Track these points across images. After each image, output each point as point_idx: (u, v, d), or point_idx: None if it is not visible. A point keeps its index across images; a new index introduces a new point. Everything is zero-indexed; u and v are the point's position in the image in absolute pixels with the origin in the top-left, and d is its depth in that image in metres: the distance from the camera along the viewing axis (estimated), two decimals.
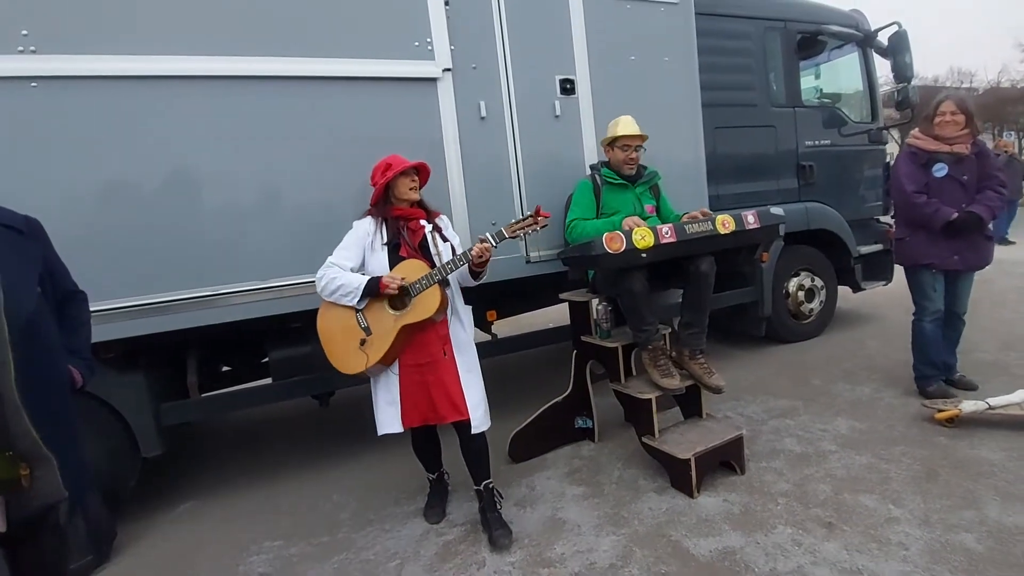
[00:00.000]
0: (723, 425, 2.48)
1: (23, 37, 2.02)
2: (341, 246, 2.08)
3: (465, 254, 2.00)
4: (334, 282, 1.98)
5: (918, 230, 2.81)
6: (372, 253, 2.07)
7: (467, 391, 2.06)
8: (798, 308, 4.21)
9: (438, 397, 2.03)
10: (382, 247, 2.07)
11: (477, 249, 1.98)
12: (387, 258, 2.05)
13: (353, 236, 2.10)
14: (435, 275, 1.97)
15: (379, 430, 2.08)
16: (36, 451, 1.40)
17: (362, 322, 2.00)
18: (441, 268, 1.99)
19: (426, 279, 1.96)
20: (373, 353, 1.98)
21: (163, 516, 2.57)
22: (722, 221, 2.33)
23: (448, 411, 2.03)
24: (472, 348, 2.16)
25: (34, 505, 1.43)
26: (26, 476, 1.38)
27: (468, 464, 2.16)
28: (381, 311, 2.00)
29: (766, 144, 4.03)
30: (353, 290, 1.96)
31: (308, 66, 2.40)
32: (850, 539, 1.87)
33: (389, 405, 2.06)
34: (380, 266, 2.04)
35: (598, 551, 1.95)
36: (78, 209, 2.12)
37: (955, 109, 2.66)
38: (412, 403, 2.04)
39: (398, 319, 1.98)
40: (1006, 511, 1.93)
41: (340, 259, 2.04)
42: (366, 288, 1.95)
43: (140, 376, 2.46)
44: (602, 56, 2.99)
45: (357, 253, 2.07)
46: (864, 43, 4.36)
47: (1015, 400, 2.52)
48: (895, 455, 2.39)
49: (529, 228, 2.05)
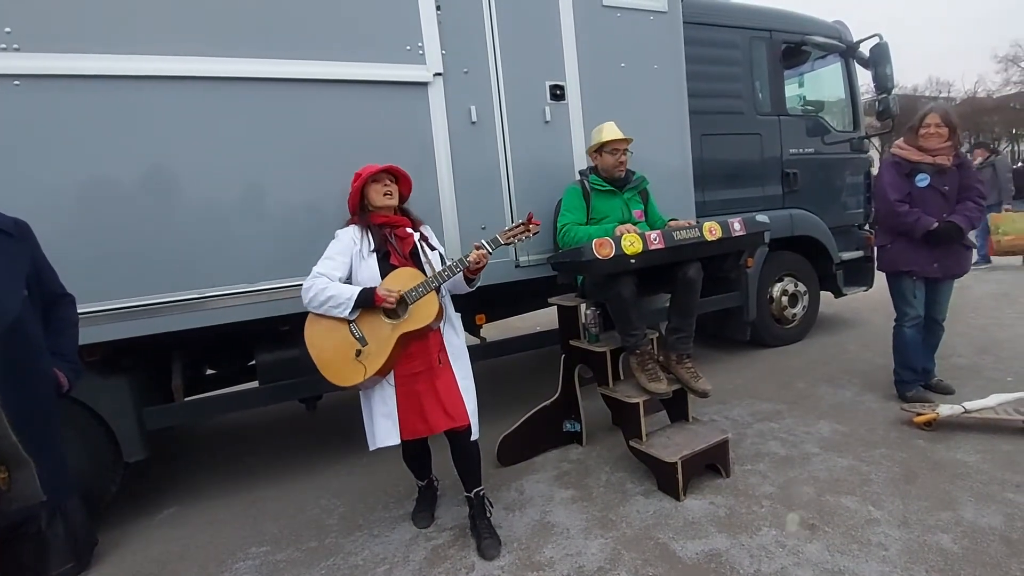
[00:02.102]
0: (709, 429, 2.52)
1: (6, 35, 1.99)
2: (326, 256, 2.02)
3: (461, 260, 1.97)
4: (323, 292, 1.91)
5: (899, 238, 2.89)
6: (361, 261, 2.02)
7: (465, 397, 2.03)
8: (782, 313, 4.29)
9: (430, 407, 1.98)
10: (370, 254, 2.03)
11: (475, 256, 1.96)
12: (378, 266, 2.01)
13: (338, 245, 2.04)
14: (432, 282, 1.94)
15: (372, 443, 2.03)
16: (14, 453, 1.38)
17: (356, 332, 1.95)
18: (437, 275, 1.96)
19: (423, 286, 1.93)
20: (371, 363, 1.92)
21: (146, 522, 2.53)
22: (709, 228, 2.37)
23: (440, 421, 1.98)
24: (466, 354, 2.15)
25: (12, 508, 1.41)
26: (3, 479, 1.36)
27: (460, 471, 2.13)
28: (376, 320, 1.96)
29: (752, 151, 4.10)
30: (344, 301, 1.90)
31: (297, 68, 2.39)
32: (832, 540, 1.91)
33: (385, 417, 2.00)
34: (371, 275, 1.99)
35: (586, 554, 1.96)
36: (63, 210, 2.08)
37: (940, 122, 2.74)
38: (408, 414, 2.00)
39: (396, 327, 1.94)
40: (981, 512, 1.99)
41: (327, 269, 1.98)
42: (359, 299, 1.91)
43: (123, 379, 2.42)
44: (592, 63, 3.02)
45: (343, 262, 2.01)
46: (847, 54, 4.47)
47: (990, 404, 2.60)
48: (875, 457, 2.45)
49: (521, 235, 2.06)
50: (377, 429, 2.02)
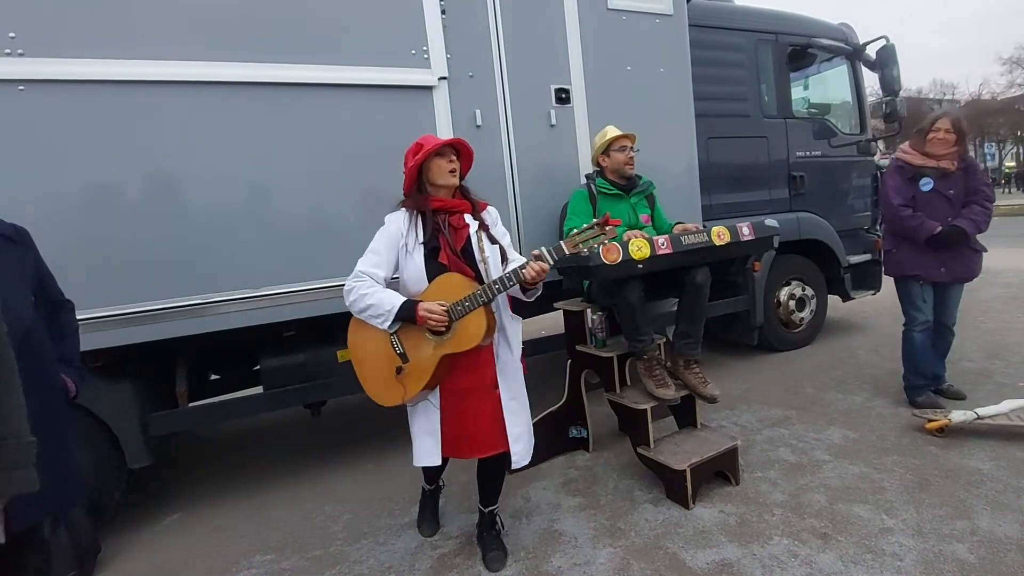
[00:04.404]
0: (718, 435, 2.48)
1: (11, 40, 1.99)
2: (371, 249, 1.79)
3: (515, 273, 1.70)
4: (364, 300, 1.71)
5: (905, 242, 2.87)
6: (407, 256, 1.79)
7: (509, 421, 1.84)
8: (789, 317, 4.25)
9: (474, 431, 1.81)
10: (417, 247, 1.78)
11: (531, 271, 1.69)
12: (423, 264, 1.77)
13: (384, 236, 1.80)
14: (480, 297, 1.69)
15: (415, 461, 1.88)
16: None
17: (398, 346, 1.75)
18: (487, 289, 1.70)
19: (470, 301, 1.69)
20: (411, 384, 1.76)
21: (149, 529, 2.51)
22: (717, 232, 2.34)
23: (482, 446, 1.82)
24: (519, 372, 1.92)
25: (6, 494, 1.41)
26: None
27: (482, 486, 2.01)
28: (418, 335, 1.76)
29: (758, 154, 4.07)
30: (384, 313, 1.71)
31: (302, 72, 2.38)
32: (845, 550, 1.88)
33: (428, 435, 1.84)
34: (416, 274, 1.78)
35: (595, 564, 1.93)
36: (68, 215, 2.08)
37: (949, 127, 2.72)
38: (451, 433, 1.83)
39: (438, 347, 1.74)
40: (997, 521, 1.95)
41: (370, 266, 1.76)
42: (399, 313, 1.70)
43: (127, 385, 2.41)
44: (597, 66, 3.01)
45: (390, 257, 1.78)
46: (853, 56, 4.44)
47: (1002, 410, 2.55)
48: (888, 465, 2.41)
49: (594, 240, 1.72)
50: (419, 446, 1.87)
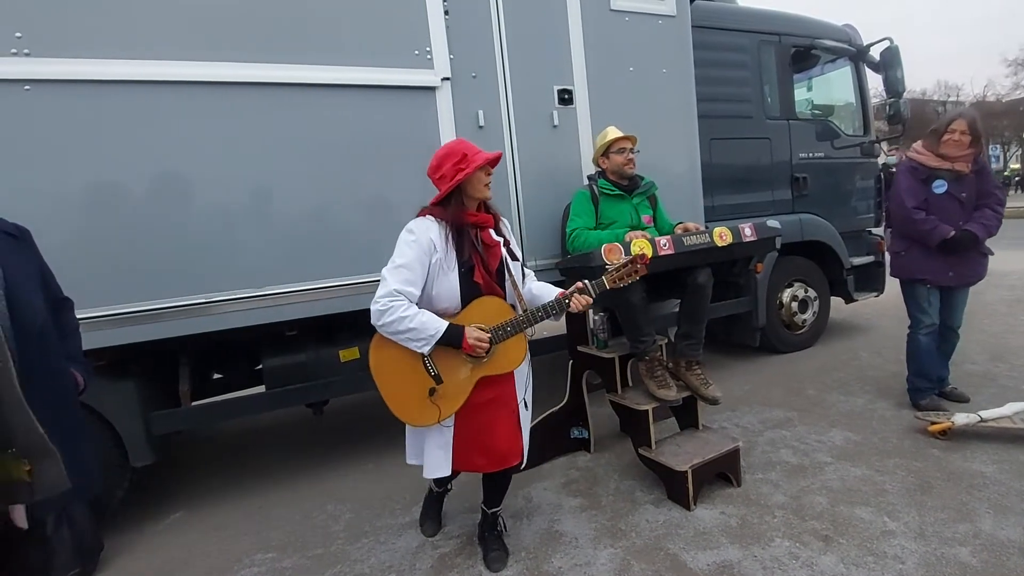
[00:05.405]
0: (719, 436, 2.48)
1: (17, 39, 2.00)
2: (402, 264, 1.67)
3: (560, 303, 1.74)
4: (403, 323, 1.62)
5: (914, 245, 2.84)
6: (441, 275, 1.72)
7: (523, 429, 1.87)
8: (791, 319, 4.24)
9: (491, 442, 1.79)
10: (453, 269, 1.73)
11: (576, 304, 1.73)
12: (459, 286, 1.73)
13: (417, 249, 1.69)
14: (523, 324, 1.71)
15: (425, 473, 1.84)
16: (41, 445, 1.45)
17: (431, 368, 1.70)
18: (531, 316, 1.72)
19: (512, 327, 1.71)
20: (447, 406, 1.72)
21: (151, 527, 2.52)
22: (719, 233, 2.34)
23: (498, 460, 1.80)
24: (530, 380, 1.97)
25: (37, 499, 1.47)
26: (28, 471, 1.43)
27: (487, 488, 2.00)
28: (454, 357, 1.72)
29: (761, 156, 4.07)
30: (426, 338, 1.64)
31: (306, 73, 2.38)
32: (847, 552, 1.87)
33: (439, 448, 1.81)
34: (449, 293, 1.73)
35: (596, 564, 1.93)
36: (72, 214, 2.09)
37: (965, 129, 2.66)
38: (465, 444, 1.80)
39: (475, 369, 1.73)
40: (999, 524, 1.94)
41: (404, 284, 1.65)
42: (443, 339, 1.65)
43: (130, 384, 2.42)
44: (600, 67, 3.01)
45: (422, 274, 1.69)
46: (856, 57, 4.43)
47: (1006, 413, 2.54)
48: (889, 467, 2.40)
49: (628, 277, 1.81)
50: (429, 459, 1.83)
